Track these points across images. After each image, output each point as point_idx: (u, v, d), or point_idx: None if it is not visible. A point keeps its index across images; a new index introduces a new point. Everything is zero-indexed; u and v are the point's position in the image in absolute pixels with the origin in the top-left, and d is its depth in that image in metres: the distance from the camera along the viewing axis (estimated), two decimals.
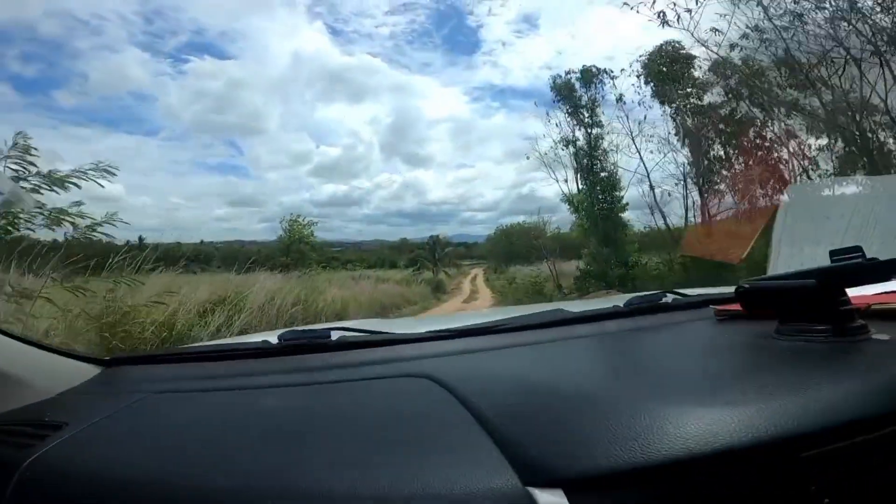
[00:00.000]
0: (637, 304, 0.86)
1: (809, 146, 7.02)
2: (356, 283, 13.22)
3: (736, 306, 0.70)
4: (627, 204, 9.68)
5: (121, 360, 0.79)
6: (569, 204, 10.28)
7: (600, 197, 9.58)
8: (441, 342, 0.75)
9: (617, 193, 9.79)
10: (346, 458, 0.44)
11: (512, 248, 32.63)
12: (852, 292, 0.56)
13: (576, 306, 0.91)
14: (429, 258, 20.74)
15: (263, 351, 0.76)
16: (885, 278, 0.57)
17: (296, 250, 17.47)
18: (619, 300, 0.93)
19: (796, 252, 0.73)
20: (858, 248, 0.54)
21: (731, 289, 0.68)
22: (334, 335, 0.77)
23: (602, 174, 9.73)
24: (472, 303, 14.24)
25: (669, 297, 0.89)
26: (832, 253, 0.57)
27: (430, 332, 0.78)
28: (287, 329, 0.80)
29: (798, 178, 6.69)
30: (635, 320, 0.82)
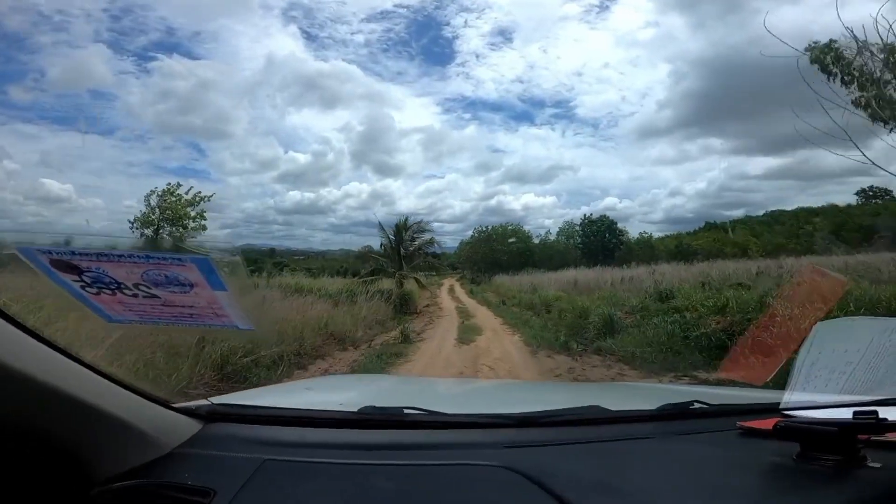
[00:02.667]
0: (668, 409, 0.94)
1: None
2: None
3: (759, 424, 0.78)
4: None
5: (219, 415, 0.85)
6: None
7: None
8: (498, 430, 0.85)
9: None
10: None
11: (493, 253, 27.85)
12: None
13: (609, 399, 1.02)
14: (391, 257, 13.64)
15: (348, 421, 0.85)
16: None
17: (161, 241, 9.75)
18: (648, 398, 1.22)
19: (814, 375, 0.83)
20: (875, 411, 0.65)
21: (750, 393, 1.14)
22: (406, 412, 0.86)
23: None
24: (474, 342, 7.30)
25: (696, 405, 0.95)
26: (855, 413, 0.66)
27: (487, 415, 0.89)
28: (366, 405, 0.87)
29: None
30: (665, 425, 0.91)
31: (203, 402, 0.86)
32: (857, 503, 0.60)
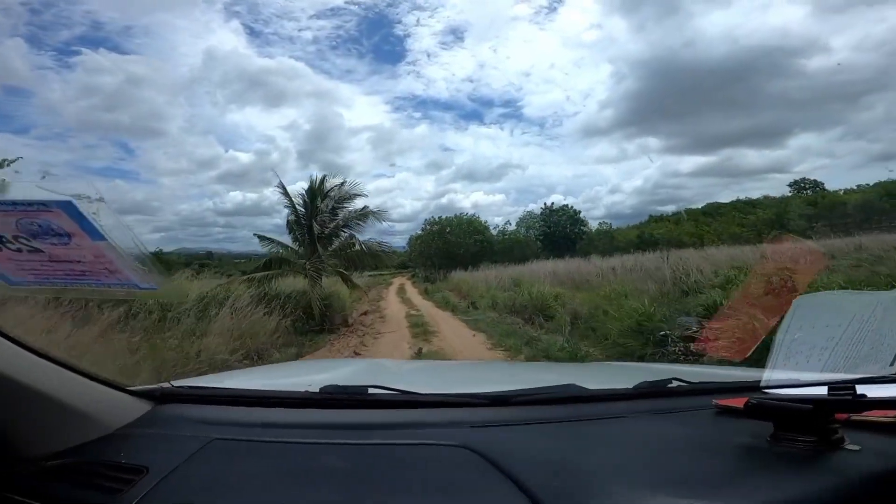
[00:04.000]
0: (645, 388, 0.91)
1: None
2: None
3: (736, 402, 0.75)
4: None
5: (172, 396, 0.84)
6: None
7: None
8: (467, 409, 0.81)
9: None
10: None
11: (448, 247, 24.92)
12: None
13: (587, 379, 0.97)
14: (300, 238, 9.07)
15: (308, 401, 0.83)
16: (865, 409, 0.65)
17: None
18: (627, 377, 1.10)
19: (794, 352, 0.77)
20: (852, 386, 0.61)
21: (730, 371, 1.11)
22: (370, 391, 0.84)
23: None
24: None
25: (674, 383, 0.93)
26: (830, 388, 0.62)
27: (457, 395, 0.85)
28: (328, 384, 0.86)
29: None
30: (642, 403, 0.88)
31: (164, 384, 0.87)
32: (831, 490, 0.55)
